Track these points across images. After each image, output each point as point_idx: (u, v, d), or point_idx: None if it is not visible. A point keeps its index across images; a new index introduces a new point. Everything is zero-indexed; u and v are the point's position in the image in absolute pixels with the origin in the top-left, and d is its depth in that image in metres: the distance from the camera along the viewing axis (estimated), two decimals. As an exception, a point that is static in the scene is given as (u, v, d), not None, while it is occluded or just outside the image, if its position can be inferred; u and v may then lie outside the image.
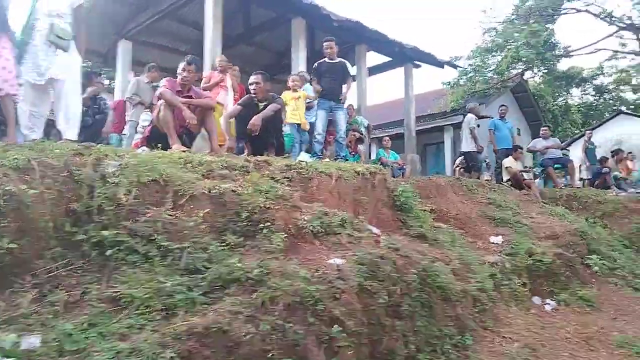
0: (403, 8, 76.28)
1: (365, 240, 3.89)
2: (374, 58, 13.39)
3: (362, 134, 10.09)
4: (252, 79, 5.80)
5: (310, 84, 8.18)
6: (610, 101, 35.98)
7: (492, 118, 11.47)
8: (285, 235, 3.64)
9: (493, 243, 6.35)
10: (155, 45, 11.08)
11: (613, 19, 17.98)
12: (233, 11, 11.49)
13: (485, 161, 11.42)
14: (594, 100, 36.52)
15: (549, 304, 5.67)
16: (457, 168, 12.07)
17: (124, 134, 8.17)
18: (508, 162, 10.68)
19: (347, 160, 9.13)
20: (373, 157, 12.05)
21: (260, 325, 2.76)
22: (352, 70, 11.28)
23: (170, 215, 3.45)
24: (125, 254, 2.99)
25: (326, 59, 7.72)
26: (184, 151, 4.57)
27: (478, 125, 11.01)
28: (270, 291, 2.96)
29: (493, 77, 17.95)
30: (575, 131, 25.86)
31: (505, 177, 10.57)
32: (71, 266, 2.90)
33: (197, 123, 5.03)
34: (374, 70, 13.30)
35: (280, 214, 3.80)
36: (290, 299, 2.97)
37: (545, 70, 32.00)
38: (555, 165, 10.53)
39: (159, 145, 4.64)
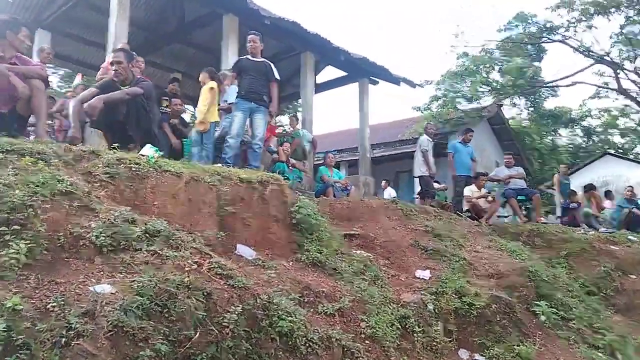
0: (383, 33, 76.24)
1: (179, 261, 2.70)
2: (330, 73, 12.48)
3: (305, 148, 8.98)
4: (112, 57, 4.68)
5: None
6: (599, 143, 35.44)
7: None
8: (45, 246, 2.47)
9: (419, 278, 5.17)
10: (75, 36, 9.99)
11: (591, 53, 17.24)
12: (165, 8, 10.54)
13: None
14: (583, 141, 36.01)
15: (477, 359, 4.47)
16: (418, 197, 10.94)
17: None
18: (468, 191, 9.59)
19: (285, 176, 8.03)
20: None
21: None
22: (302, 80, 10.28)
23: None
24: None
25: (249, 56, 6.66)
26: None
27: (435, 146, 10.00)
28: None
29: (462, 103, 17.03)
30: (563, 171, 24.97)
31: (465, 207, 9.48)
32: None
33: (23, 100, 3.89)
34: (327, 85, 12.31)
35: (52, 217, 2.63)
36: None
37: (532, 108, 31.48)
38: (519, 197, 9.42)
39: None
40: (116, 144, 4.18)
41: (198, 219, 3.63)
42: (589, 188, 11.41)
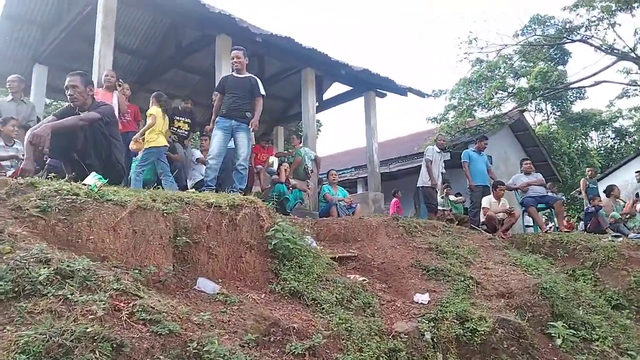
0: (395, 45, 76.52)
1: (90, 306, 2.32)
2: (338, 89, 12.16)
3: (307, 167, 8.61)
4: (67, 81, 4.41)
5: None
6: (633, 145, 33.94)
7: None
8: None
9: (417, 303, 4.67)
10: (71, 69, 9.91)
11: (614, 50, 16.43)
12: (162, 36, 10.47)
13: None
14: (615, 143, 34.59)
15: (483, 395, 3.94)
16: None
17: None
18: (486, 202, 9.00)
19: (285, 197, 7.66)
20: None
21: None
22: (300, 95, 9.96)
23: None
24: None
25: (234, 73, 6.39)
26: None
27: (449, 158, 9.48)
28: None
29: (479, 111, 16.35)
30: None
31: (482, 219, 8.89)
32: None
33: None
34: (334, 101, 11.94)
35: (-55, 261, 2.30)
36: None
37: (559, 112, 30.41)
38: (539, 205, 8.78)
39: None
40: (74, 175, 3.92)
41: (146, 252, 3.26)
42: (609, 190, 10.63)
